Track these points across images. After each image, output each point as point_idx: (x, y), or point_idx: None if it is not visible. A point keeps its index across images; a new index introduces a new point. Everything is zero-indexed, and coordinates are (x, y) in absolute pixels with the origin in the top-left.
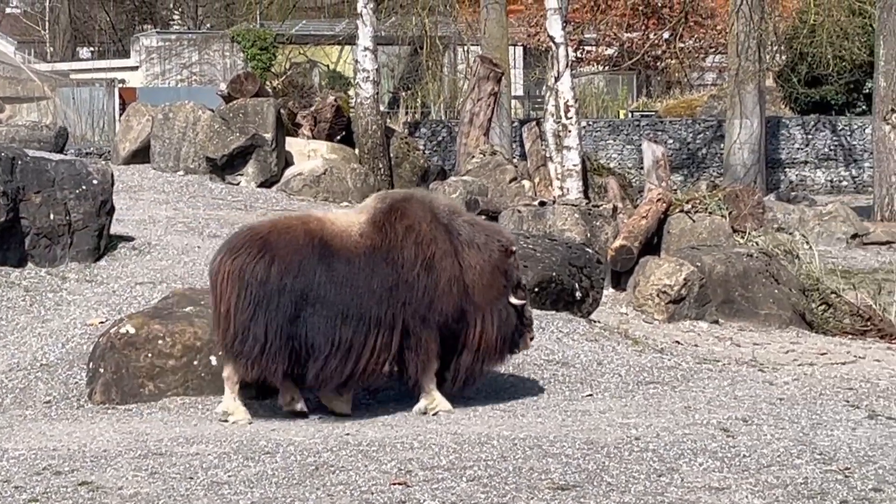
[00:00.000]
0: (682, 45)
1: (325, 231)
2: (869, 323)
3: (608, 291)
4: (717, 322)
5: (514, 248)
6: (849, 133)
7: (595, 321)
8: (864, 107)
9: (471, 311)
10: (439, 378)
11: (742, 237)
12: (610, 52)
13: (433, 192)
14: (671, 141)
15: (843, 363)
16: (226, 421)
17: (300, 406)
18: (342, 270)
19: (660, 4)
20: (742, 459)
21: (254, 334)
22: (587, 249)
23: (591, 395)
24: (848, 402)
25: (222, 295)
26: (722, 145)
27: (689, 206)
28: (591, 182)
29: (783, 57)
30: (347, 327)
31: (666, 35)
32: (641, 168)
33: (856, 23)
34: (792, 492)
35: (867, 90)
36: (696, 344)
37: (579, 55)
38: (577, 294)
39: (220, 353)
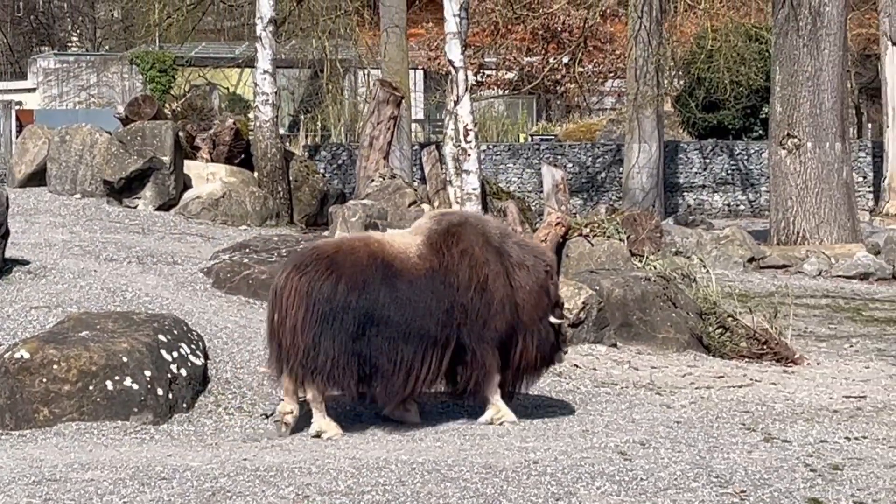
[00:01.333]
0: (581, 69)
1: (386, 252)
2: (765, 346)
3: None
4: (615, 345)
5: (554, 267)
6: (746, 157)
7: None
8: (760, 131)
9: (517, 329)
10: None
11: (640, 261)
12: (510, 76)
13: (485, 216)
14: (571, 165)
15: (740, 386)
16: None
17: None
18: (404, 291)
19: (559, 29)
20: (639, 483)
21: (324, 349)
22: None
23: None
24: (744, 425)
25: (287, 310)
26: (621, 169)
27: (588, 230)
28: (490, 206)
29: (681, 82)
30: (408, 347)
31: (565, 59)
32: (541, 192)
33: (753, 48)
34: None
35: (764, 115)
36: (594, 367)
37: (479, 79)
38: None
39: (271, 369)
